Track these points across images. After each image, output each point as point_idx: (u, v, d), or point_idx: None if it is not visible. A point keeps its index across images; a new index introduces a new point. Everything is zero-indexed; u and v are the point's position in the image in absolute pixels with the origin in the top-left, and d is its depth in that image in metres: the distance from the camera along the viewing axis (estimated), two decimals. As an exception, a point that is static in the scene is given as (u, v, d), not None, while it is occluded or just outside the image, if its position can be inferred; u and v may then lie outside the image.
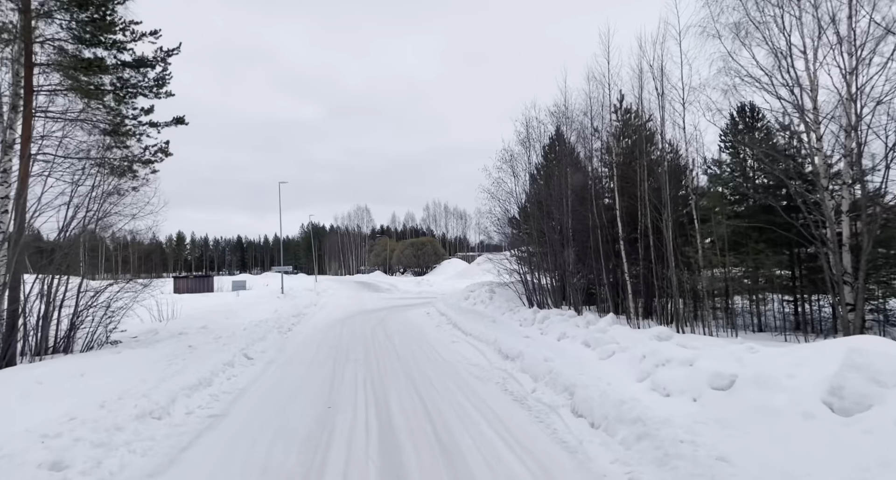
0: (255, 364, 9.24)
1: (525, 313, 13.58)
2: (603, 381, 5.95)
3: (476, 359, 9.13)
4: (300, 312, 19.07)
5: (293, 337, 13.05)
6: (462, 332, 12.59)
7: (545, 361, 7.22)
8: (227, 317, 14.83)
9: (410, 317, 17.44)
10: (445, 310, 16.85)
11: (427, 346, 11.00)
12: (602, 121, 14.59)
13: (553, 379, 6.40)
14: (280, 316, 16.84)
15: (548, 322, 11.49)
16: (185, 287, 36.20)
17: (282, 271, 26.80)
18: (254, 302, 20.47)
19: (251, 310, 17.68)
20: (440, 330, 13.81)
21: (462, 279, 43.31)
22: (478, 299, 18.44)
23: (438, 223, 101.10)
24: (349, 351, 10.63)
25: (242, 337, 11.43)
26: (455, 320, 14.47)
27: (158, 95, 9.73)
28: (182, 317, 13.94)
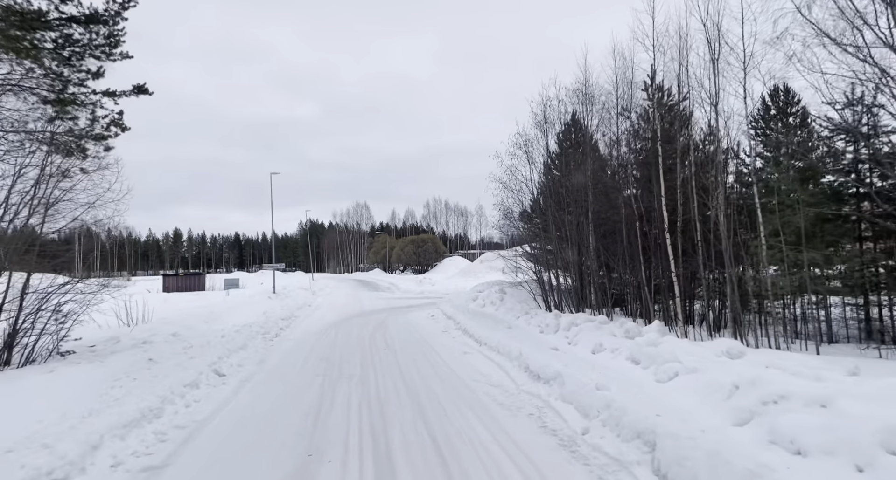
0: (226, 382, 7.55)
1: (544, 317, 11.89)
2: (690, 425, 4.26)
3: (497, 378, 7.44)
4: (292, 314, 17.39)
5: (280, 344, 11.36)
6: (474, 340, 10.90)
7: (597, 389, 5.52)
8: (207, 321, 13.15)
9: (413, 321, 15.76)
10: (452, 313, 15.19)
11: (435, 358, 9.32)
12: (631, 100, 12.91)
13: (614, 418, 4.72)
14: (268, 318, 15.16)
15: (576, 329, 9.81)
16: (174, 285, 34.49)
17: (274, 269, 25.06)
18: (242, 303, 18.79)
19: (237, 312, 16.00)
20: (448, 336, 12.13)
21: (465, 277, 41.63)
22: (487, 300, 16.75)
23: (439, 220, 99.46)
24: (343, 364, 8.95)
25: (218, 347, 9.75)
26: (464, 325, 12.79)
27: (111, 56, 8.07)
28: (154, 322, 12.27)
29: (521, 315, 13.66)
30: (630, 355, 7.23)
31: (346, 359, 9.45)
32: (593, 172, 13.86)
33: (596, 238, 13.51)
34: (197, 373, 7.49)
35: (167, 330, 11.00)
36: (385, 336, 12.46)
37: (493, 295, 17.05)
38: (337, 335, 12.77)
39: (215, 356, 8.82)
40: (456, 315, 14.92)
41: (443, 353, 9.79)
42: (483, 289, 18.15)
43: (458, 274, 45.19)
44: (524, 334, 10.89)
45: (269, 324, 13.92)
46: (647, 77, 12.83)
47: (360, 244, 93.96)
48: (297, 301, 21.79)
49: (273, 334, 12.73)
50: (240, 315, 15.68)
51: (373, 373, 8.18)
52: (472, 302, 17.28)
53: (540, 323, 11.80)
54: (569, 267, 14.46)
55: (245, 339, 11.03)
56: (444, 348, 10.42)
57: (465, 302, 17.42)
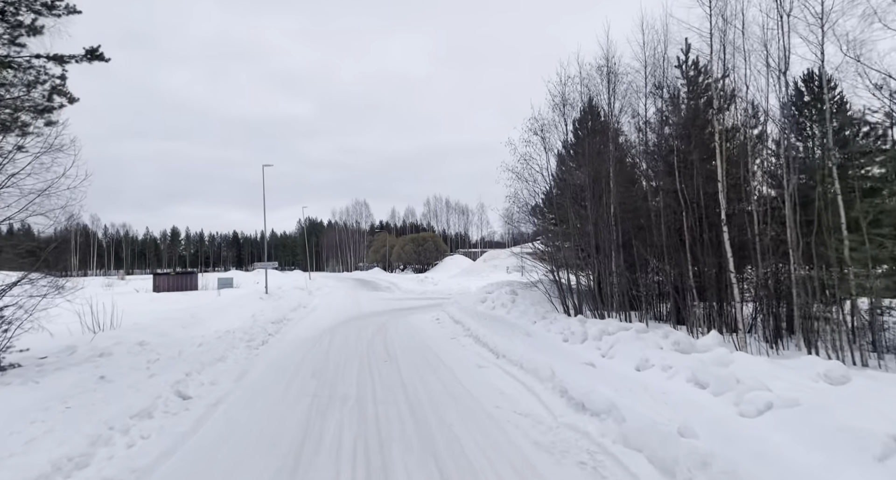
0: (190, 408, 6.10)
1: (567, 323, 10.45)
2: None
3: (526, 404, 5.99)
4: (284, 317, 15.94)
5: (266, 354, 9.91)
6: (489, 351, 9.45)
7: (681, 436, 4.06)
8: (187, 326, 11.70)
9: (417, 325, 14.32)
10: (459, 316, 13.76)
11: (445, 374, 7.87)
12: (665, 76, 11.45)
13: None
14: (256, 322, 13.71)
15: (609, 338, 8.36)
16: (165, 285, 33.03)
17: (266, 268, 23.52)
18: (231, 304, 17.34)
19: (223, 315, 14.56)
20: (457, 345, 10.68)
21: (468, 277, 40.20)
22: (497, 302, 15.31)
23: (439, 218, 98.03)
24: (336, 382, 7.50)
25: (190, 359, 8.30)
26: (475, 331, 11.35)
27: (54, 9, 6.61)
28: (124, 327, 10.83)
29: (538, 319, 12.22)
30: (692, 376, 5.78)
31: (341, 374, 8.00)
32: (616, 161, 12.43)
33: (619, 233, 12.07)
34: (153, 397, 6.04)
35: (135, 337, 9.56)
36: (386, 343, 11.01)
37: (504, 297, 15.61)
38: (332, 342, 11.32)
39: (184, 371, 7.37)
40: (464, 319, 13.48)
41: (454, 367, 8.33)
42: (492, 290, 16.70)
43: (461, 273, 43.75)
44: (546, 343, 9.44)
45: (256, 330, 12.47)
46: (681, 52, 11.39)
47: (360, 242, 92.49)
48: (291, 302, 20.34)
49: (259, 341, 11.27)
50: (226, 318, 14.23)
51: (371, 394, 6.73)
52: (480, 305, 15.84)
53: (562, 329, 10.35)
54: (588, 265, 13.02)
55: (225, 348, 9.58)
56: (454, 360, 8.97)
57: (472, 305, 15.98)
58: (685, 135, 11.12)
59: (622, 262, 12.11)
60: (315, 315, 17.66)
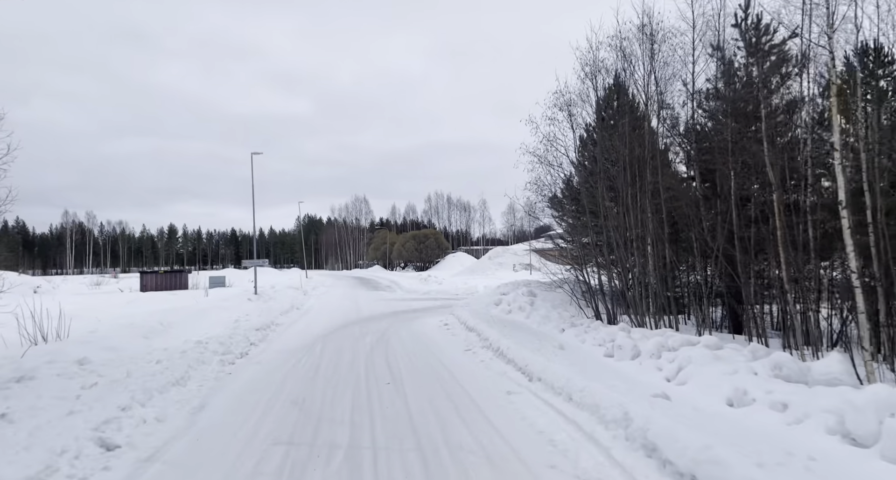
0: (110, 466, 4.28)
1: (607, 334, 8.62)
2: None
3: (590, 463, 4.14)
4: (272, 322, 14.11)
5: (240, 373, 8.09)
6: (517, 369, 7.59)
7: None
8: (151, 336, 9.87)
9: (423, 332, 12.48)
10: (473, 323, 11.92)
11: (467, 406, 6.03)
12: (721, 37, 9.58)
13: None
14: (238, 329, 11.88)
15: (672, 356, 6.53)
16: (153, 284, 31.19)
17: (255, 266, 21.50)
18: (214, 307, 15.51)
19: (200, 321, 12.72)
20: (474, 359, 8.84)
21: (472, 275, 38.39)
22: (514, 305, 13.49)
23: (441, 215, 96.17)
24: (323, 418, 5.68)
25: (139, 383, 6.47)
26: (494, 341, 9.50)
27: None
28: (72, 339, 9.00)
29: (567, 327, 10.40)
30: (838, 426, 3.95)
31: (331, 405, 6.17)
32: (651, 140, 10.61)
33: (659, 225, 10.23)
34: (56, 452, 4.21)
35: (77, 353, 7.71)
36: (388, 358, 9.18)
37: (521, 299, 13.78)
38: (322, 356, 9.49)
39: (121, 403, 5.55)
40: (478, 324, 11.65)
41: (476, 394, 6.50)
42: (507, 291, 14.87)
43: (465, 271, 41.94)
44: (586, 360, 7.60)
45: (236, 338, 10.64)
46: (739, 8, 9.52)
47: (360, 240, 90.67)
48: (282, 303, 18.50)
49: (237, 353, 9.46)
50: (204, 323, 12.40)
51: (369, 439, 4.90)
52: (494, 307, 14.01)
53: (601, 340, 8.53)
54: (618, 263, 11.18)
55: (190, 366, 7.75)
56: (474, 382, 7.13)
57: (485, 307, 14.15)
58: (743, 108, 9.28)
59: (663, 258, 10.28)
60: (308, 318, 15.82)
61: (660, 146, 10.92)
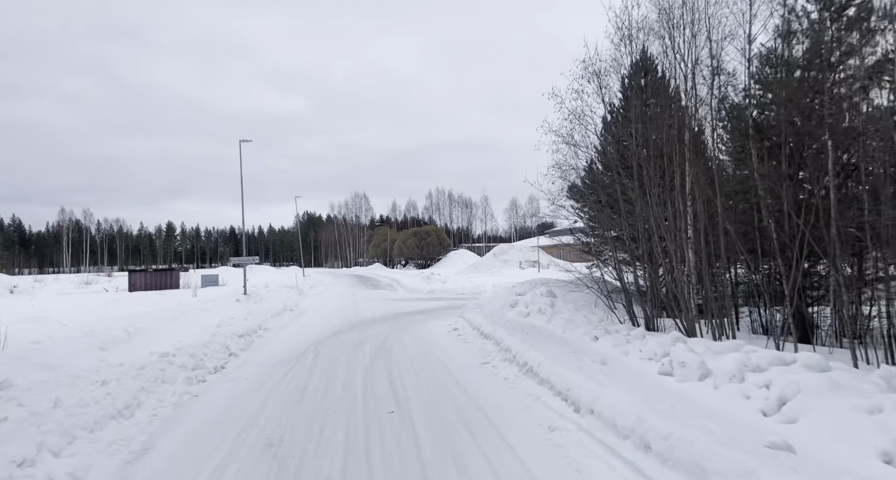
0: None
1: (658, 344, 7.05)
2: None
3: None
4: (259, 326, 12.55)
5: (207, 396, 6.53)
6: (555, 394, 6.00)
7: None
8: (109, 346, 8.29)
9: (431, 339, 10.92)
10: (489, 328, 10.34)
11: (496, 446, 4.48)
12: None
13: None
14: (218, 336, 10.31)
15: (772, 380, 4.96)
16: (142, 283, 29.66)
17: (244, 263, 19.75)
18: (198, 309, 13.94)
19: (176, 326, 11.15)
20: (497, 378, 7.25)
21: (477, 273, 36.83)
22: (532, 307, 11.92)
23: (442, 212, 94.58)
24: (305, 471, 4.12)
25: (64, 414, 4.91)
26: (516, 351, 7.91)
27: None
28: (5, 354, 7.43)
29: (600, 334, 8.83)
30: None
31: (315, 452, 4.60)
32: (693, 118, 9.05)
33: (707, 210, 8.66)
34: None
35: (6, 371, 6.15)
36: (390, 373, 7.61)
37: (540, 300, 12.22)
38: (313, 371, 7.93)
39: (24, 452, 3.99)
40: (493, 330, 10.08)
41: (508, 430, 4.93)
42: (524, 291, 13.30)
43: (470, 269, 40.37)
44: (643, 381, 6.04)
45: (213, 348, 9.09)
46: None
47: (360, 237, 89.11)
48: (274, 304, 16.93)
49: (211, 368, 7.90)
50: (179, 329, 10.84)
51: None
52: (509, 310, 12.46)
53: (651, 353, 6.97)
54: (652, 260, 9.60)
55: (143, 388, 6.19)
56: (501, 411, 5.57)
57: (499, 309, 12.59)
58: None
59: (715, 252, 8.71)
60: (301, 321, 14.26)
61: (711, 120, 9.35)
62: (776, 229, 7.81)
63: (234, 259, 19.62)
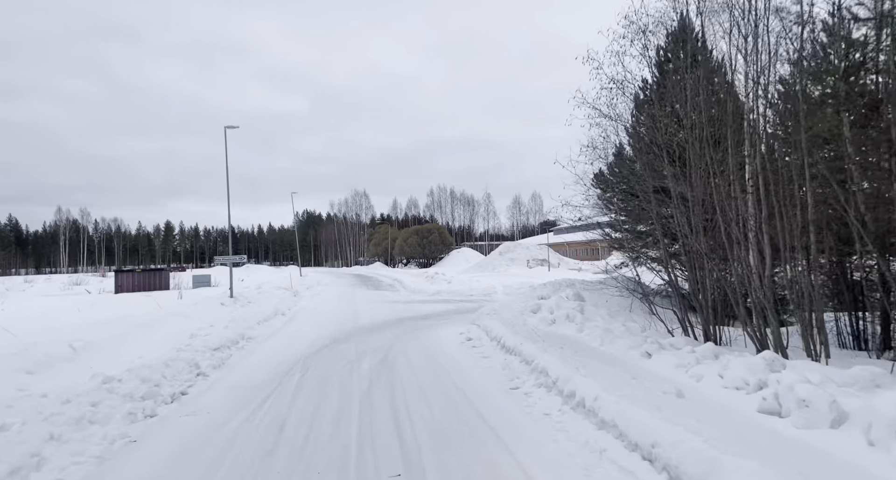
0: None
1: (747, 366, 5.34)
2: None
3: None
4: (242, 335, 10.86)
5: (149, 442, 4.84)
6: (624, 443, 4.30)
7: None
8: (35, 371, 6.60)
9: (441, 352, 9.21)
10: (512, 340, 8.62)
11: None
12: None
13: None
14: (186, 350, 8.63)
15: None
16: (129, 284, 27.98)
17: (229, 263, 17.92)
18: (172, 315, 12.24)
19: (140, 338, 9.47)
20: (534, 411, 5.54)
21: (482, 272, 35.14)
22: (558, 312, 10.21)
23: (444, 210, 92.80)
24: None
25: None
26: (556, 375, 6.20)
27: None
28: None
29: (653, 349, 7.12)
30: None
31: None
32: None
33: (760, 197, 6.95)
34: None
35: None
36: (394, 403, 5.92)
37: (566, 305, 10.52)
38: (296, 398, 6.24)
39: None
40: (517, 342, 8.39)
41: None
42: (547, 294, 11.60)
43: (474, 268, 38.67)
44: (745, 427, 4.34)
45: (176, 366, 7.41)
46: None
47: (360, 235, 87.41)
48: (263, 308, 15.25)
49: (167, 395, 6.23)
50: (142, 342, 9.16)
51: None
52: (531, 316, 10.76)
53: (739, 380, 5.27)
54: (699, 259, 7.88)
55: (52, 436, 4.51)
56: (555, 475, 3.89)
57: (518, 315, 10.89)
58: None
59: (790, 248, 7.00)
60: (291, 329, 12.57)
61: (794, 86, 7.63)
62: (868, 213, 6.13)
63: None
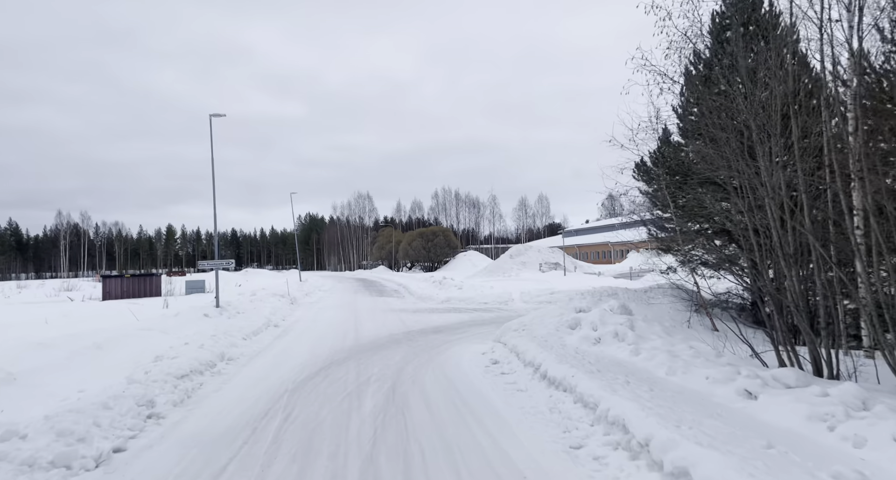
0: None
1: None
2: None
3: None
4: (221, 355, 9.05)
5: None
6: None
7: None
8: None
9: (467, 385, 7.34)
10: (555, 369, 6.72)
11: None
12: None
13: None
14: (144, 380, 6.80)
15: None
16: (117, 290, 26.24)
17: (216, 267, 16.00)
18: (145, 329, 10.44)
19: (90, 362, 7.65)
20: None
21: (492, 277, 33.25)
22: (603, 329, 8.35)
23: (448, 212, 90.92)
24: None
25: None
26: (643, 435, 4.38)
27: None
28: None
29: (754, 385, 5.24)
30: None
31: None
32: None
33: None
34: None
35: None
36: (410, 473, 4.08)
37: (613, 319, 8.65)
38: (270, 466, 4.40)
39: None
40: (566, 373, 6.52)
41: None
42: (587, 306, 9.72)
43: (483, 272, 36.77)
44: None
45: (120, 407, 5.59)
46: None
47: (363, 239, 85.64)
48: (253, 320, 13.42)
49: (89, 460, 4.44)
50: (88, 369, 7.35)
51: None
52: (569, 333, 8.88)
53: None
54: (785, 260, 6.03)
55: None
56: None
57: (554, 331, 9.01)
58: None
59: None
60: (281, 346, 10.73)
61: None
62: None
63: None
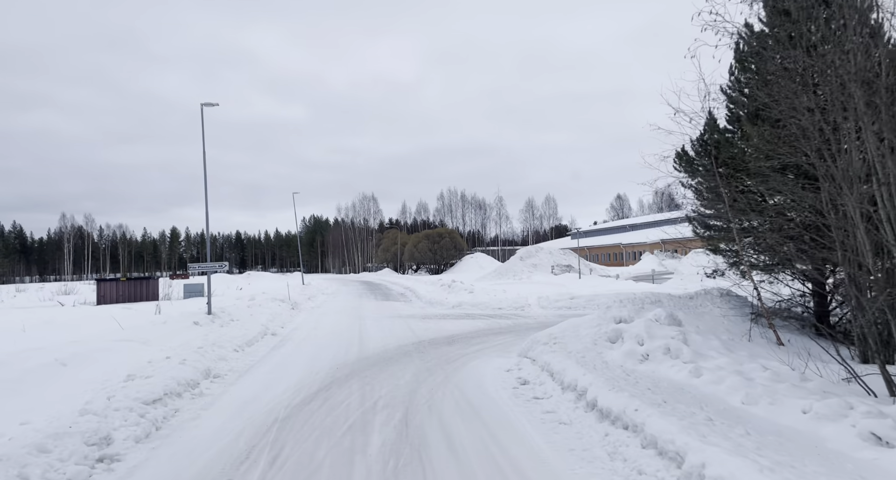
0: None
1: None
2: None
3: None
4: (206, 372, 7.84)
5: None
6: None
7: None
8: None
9: (493, 413, 6.10)
10: (606, 396, 5.50)
11: None
12: None
13: None
14: (98, 413, 5.60)
15: None
16: (112, 294, 25.14)
17: (208, 270, 14.66)
18: (124, 340, 9.28)
19: (50, 380, 6.47)
20: None
21: (502, 279, 31.98)
22: (651, 344, 7.09)
23: (454, 214, 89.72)
24: None
25: None
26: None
27: None
28: None
29: (887, 429, 3.92)
30: None
31: None
32: None
33: None
34: None
35: None
36: None
37: (661, 332, 7.38)
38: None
39: None
40: (626, 406, 5.29)
41: None
42: (629, 317, 8.41)
43: (493, 275, 35.48)
44: None
45: (59, 451, 4.43)
46: None
47: (368, 241, 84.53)
48: (249, 328, 12.22)
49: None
50: (48, 391, 6.17)
51: None
52: (610, 347, 7.61)
53: None
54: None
55: None
56: None
57: (592, 346, 7.73)
58: None
59: None
60: (276, 360, 9.51)
61: None
62: None
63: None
